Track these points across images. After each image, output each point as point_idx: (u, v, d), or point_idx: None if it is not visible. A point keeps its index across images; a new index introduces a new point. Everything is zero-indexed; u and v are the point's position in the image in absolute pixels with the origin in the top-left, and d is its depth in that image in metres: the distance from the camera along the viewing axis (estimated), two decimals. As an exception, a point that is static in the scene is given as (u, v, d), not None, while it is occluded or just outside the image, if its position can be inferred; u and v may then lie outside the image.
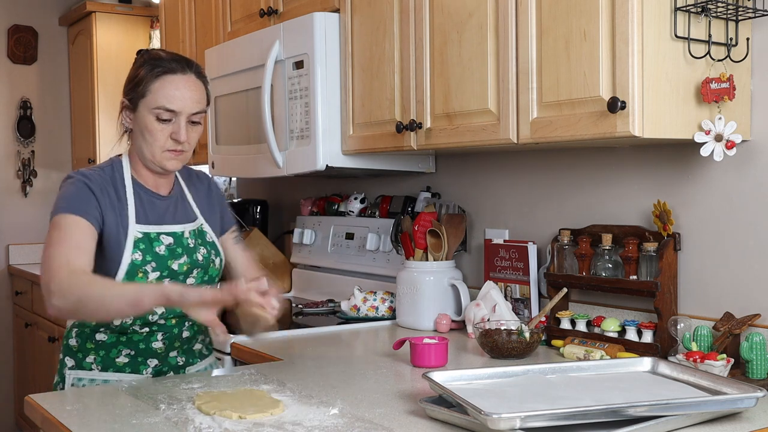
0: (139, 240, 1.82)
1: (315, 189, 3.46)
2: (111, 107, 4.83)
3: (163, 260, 1.83)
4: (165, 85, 1.80)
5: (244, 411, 1.51)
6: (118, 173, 1.88)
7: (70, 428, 1.49)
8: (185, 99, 1.81)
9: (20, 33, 5.01)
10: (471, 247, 2.67)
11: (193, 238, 1.91)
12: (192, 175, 2.04)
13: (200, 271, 1.90)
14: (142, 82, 1.81)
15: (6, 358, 4.98)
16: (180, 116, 1.81)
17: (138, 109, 1.83)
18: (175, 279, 1.86)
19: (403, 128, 2.29)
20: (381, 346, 2.31)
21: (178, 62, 1.83)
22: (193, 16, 3.60)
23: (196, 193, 2.00)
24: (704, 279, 1.99)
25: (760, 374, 1.76)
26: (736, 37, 1.83)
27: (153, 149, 1.83)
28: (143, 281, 1.81)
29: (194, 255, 1.89)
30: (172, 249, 1.85)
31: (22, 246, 5.01)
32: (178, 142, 1.82)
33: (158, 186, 1.91)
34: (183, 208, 1.94)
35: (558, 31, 1.85)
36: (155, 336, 1.88)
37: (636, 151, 2.14)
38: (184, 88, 1.81)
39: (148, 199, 1.89)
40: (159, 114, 1.80)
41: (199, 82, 1.85)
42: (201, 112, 1.84)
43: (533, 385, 1.60)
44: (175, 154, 1.84)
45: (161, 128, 1.81)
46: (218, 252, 1.96)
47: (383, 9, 2.40)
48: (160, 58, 1.84)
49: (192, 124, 1.84)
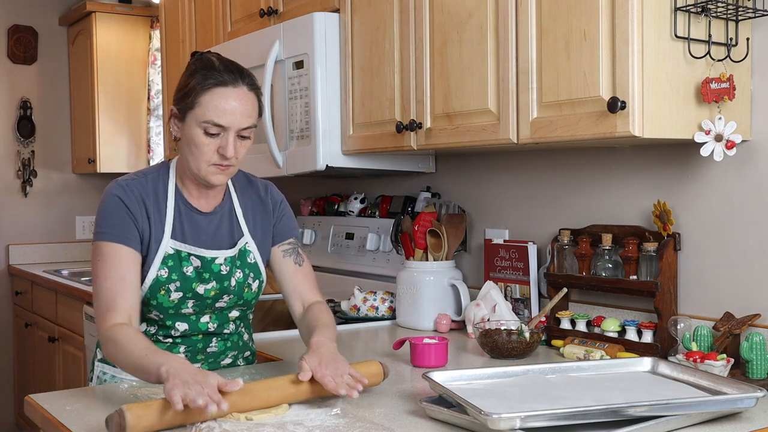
0: (169, 257, 1.77)
1: (315, 189, 3.47)
2: (111, 107, 4.84)
3: (188, 282, 1.78)
4: (215, 99, 1.70)
5: (249, 411, 1.51)
6: (163, 181, 1.82)
7: (70, 428, 1.49)
8: (235, 114, 1.70)
9: (20, 33, 5.01)
10: (471, 247, 2.67)
11: (227, 264, 1.82)
12: (247, 184, 1.94)
13: (232, 297, 1.84)
14: (192, 92, 1.72)
15: (6, 358, 4.98)
16: (229, 131, 1.71)
17: (186, 120, 1.73)
18: (201, 302, 1.81)
19: (403, 128, 2.29)
20: (381, 346, 2.31)
21: (231, 73, 1.73)
22: (193, 16, 3.60)
23: (248, 205, 1.90)
24: (704, 279, 1.99)
25: (760, 374, 1.76)
26: (736, 37, 1.84)
27: (198, 163, 1.74)
28: (164, 299, 1.77)
29: (225, 282, 1.82)
30: (200, 273, 1.80)
31: (22, 246, 5.01)
32: (224, 158, 1.72)
33: (201, 198, 1.84)
34: (227, 228, 1.86)
35: (558, 31, 1.85)
36: (177, 348, 1.84)
37: (636, 151, 2.14)
38: (235, 102, 1.71)
39: (188, 214, 1.82)
40: (207, 128, 1.70)
41: (251, 94, 1.74)
42: (251, 126, 1.74)
43: (533, 385, 1.60)
44: (221, 169, 1.74)
45: (208, 142, 1.72)
46: (258, 274, 1.88)
47: (383, 9, 2.40)
48: (213, 67, 1.73)
49: (241, 138, 1.74)
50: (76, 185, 5.20)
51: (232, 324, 1.91)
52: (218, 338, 1.89)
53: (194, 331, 1.84)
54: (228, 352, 1.92)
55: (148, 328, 1.83)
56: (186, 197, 1.83)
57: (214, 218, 1.85)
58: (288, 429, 1.44)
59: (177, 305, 1.80)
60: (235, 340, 1.93)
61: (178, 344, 1.85)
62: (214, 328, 1.86)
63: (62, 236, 5.11)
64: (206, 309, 1.83)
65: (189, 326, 1.83)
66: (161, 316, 1.81)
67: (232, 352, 1.93)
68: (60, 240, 5.10)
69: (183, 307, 1.81)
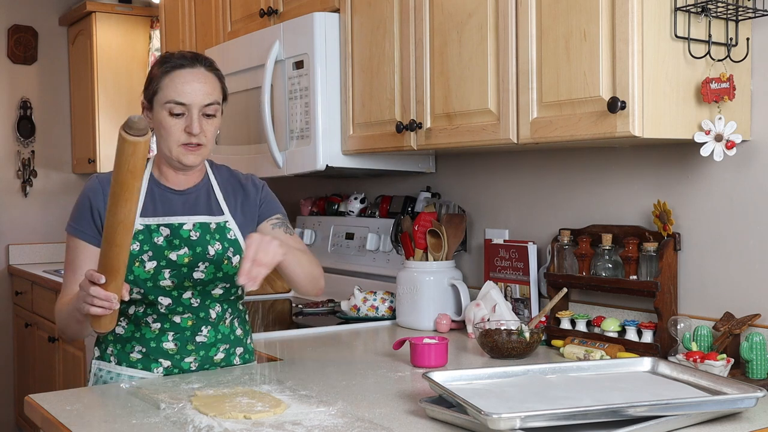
0: (139, 232, 1.85)
1: (315, 189, 3.47)
2: (111, 107, 4.84)
3: (160, 250, 1.84)
4: (174, 80, 1.83)
5: (248, 411, 1.51)
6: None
7: (70, 428, 1.49)
8: (195, 91, 1.82)
9: (20, 33, 5.01)
10: (471, 247, 2.67)
11: (197, 230, 1.88)
12: (228, 174, 2.01)
13: (210, 266, 1.87)
14: (154, 79, 1.85)
15: (6, 358, 4.98)
16: (191, 109, 1.82)
17: (153, 107, 1.86)
18: (176, 271, 1.85)
19: (403, 128, 2.29)
20: (381, 346, 2.31)
21: (188, 58, 1.86)
22: (193, 16, 3.60)
23: (228, 189, 1.97)
24: (704, 279, 1.99)
25: (760, 374, 1.76)
26: (736, 37, 1.83)
27: (169, 144, 1.84)
28: (140, 271, 1.83)
29: (199, 248, 1.87)
30: (170, 240, 1.86)
31: (22, 246, 5.01)
32: (192, 135, 1.82)
33: (178, 182, 1.92)
34: (204, 203, 1.93)
35: (558, 31, 1.85)
36: (166, 336, 1.87)
37: (636, 151, 2.14)
38: (193, 81, 1.83)
39: (160, 193, 1.90)
40: (171, 108, 1.82)
41: (209, 74, 1.87)
42: (213, 103, 1.85)
43: (533, 385, 1.60)
44: (191, 149, 1.84)
45: (174, 123, 1.83)
46: (239, 251, 1.90)
47: (383, 9, 2.40)
48: (171, 56, 1.87)
49: (206, 117, 1.84)
50: (76, 185, 5.20)
51: (218, 306, 1.92)
52: (206, 325, 1.90)
53: (178, 306, 1.87)
54: (219, 344, 1.93)
55: (137, 309, 1.87)
56: (162, 182, 1.92)
57: (190, 196, 1.93)
58: (287, 429, 1.44)
59: (154, 275, 1.84)
60: (226, 333, 1.93)
61: (167, 331, 1.88)
62: (198, 304, 1.89)
63: (62, 236, 5.04)
64: (185, 281, 1.86)
65: (172, 301, 1.86)
66: (142, 291, 1.84)
67: (223, 345, 1.93)
68: (60, 240, 5.10)
69: (161, 278, 1.84)
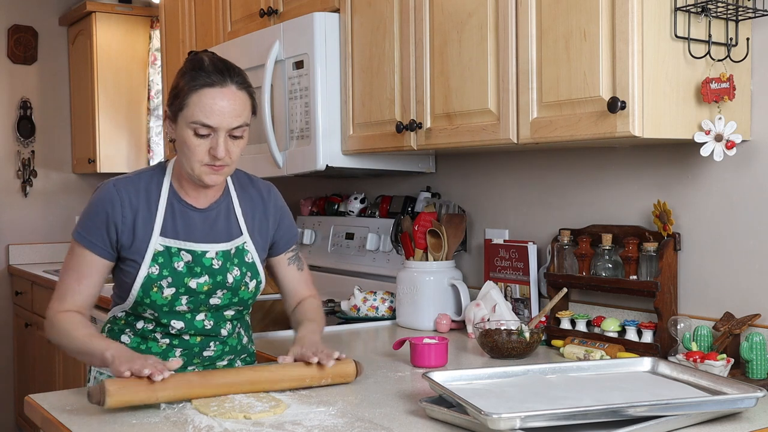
0: (159, 254, 1.78)
1: (315, 189, 3.47)
2: (111, 107, 4.84)
3: (180, 277, 1.78)
4: (203, 99, 1.70)
5: (248, 411, 1.51)
6: (157, 180, 1.83)
7: (70, 428, 1.49)
8: (224, 114, 1.70)
9: (20, 33, 5.01)
10: (471, 247, 2.67)
11: (220, 258, 1.82)
12: (248, 184, 1.93)
13: (227, 293, 1.83)
14: (181, 94, 1.72)
15: (6, 358, 4.98)
16: (219, 132, 1.71)
17: (178, 122, 1.74)
18: (194, 297, 1.80)
19: (403, 128, 2.29)
20: (381, 346, 2.31)
21: (219, 73, 1.72)
22: (193, 16, 3.60)
23: (248, 204, 1.90)
24: (704, 279, 1.99)
25: (760, 374, 1.76)
26: (736, 37, 1.83)
27: (192, 163, 1.74)
28: (157, 296, 1.78)
29: (220, 276, 1.81)
30: (191, 267, 1.80)
31: (22, 246, 5.01)
32: (216, 158, 1.72)
33: (198, 198, 1.84)
34: (225, 224, 1.85)
35: (558, 30, 1.85)
36: (173, 352, 1.84)
37: (636, 151, 2.14)
38: (223, 102, 1.70)
39: (181, 210, 1.82)
40: (196, 129, 1.70)
41: (240, 92, 1.73)
42: (242, 126, 1.73)
43: (533, 385, 1.60)
44: (214, 170, 1.74)
45: (199, 143, 1.72)
46: (256, 274, 1.87)
47: (383, 9, 2.40)
48: (202, 68, 1.72)
49: (233, 138, 1.73)
50: (76, 185, 5.21)
51: (229, 324, 1.90)
52: (215, 341, 1.88)
53: (190, 330, 1.84)
54: (225, 356, 1.91)
55: (146, 325, 1.84)
56: (181, 195, 1.83)
57: (210, 214, 1.85)
58: (287, 429, 1.44)
59: (171, 302, 1.79)
60: (233, 344, 1.92)
61: (175, 347, 1.84)
62: (210, 326, 1.85)
63: (62, 236, 5.11)
64: (201, 306, 1.83)
65: (185, 324, 1.83)
66: (156, 315, 1.81)
67: (229, 356, 1.92)
68: (60, 240, 5.10)
69: (177, 304, 1.80)
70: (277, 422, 1.48)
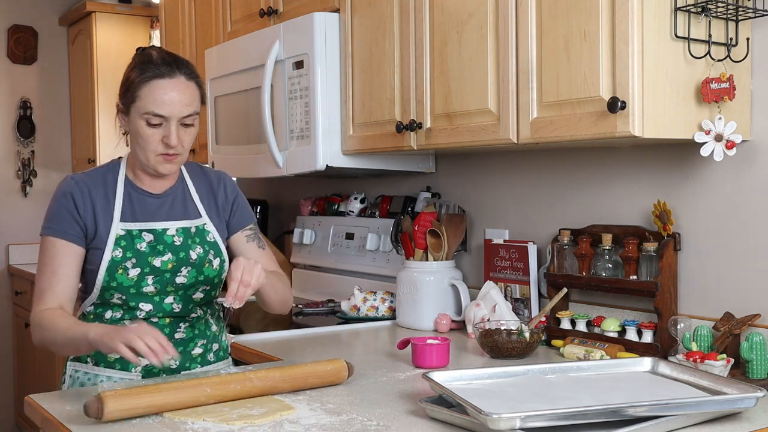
0: (121, 237, 1.84)
1: (315, 189, 3.47)
2: (111, 107, 4.77)
3: (144, 257, 1.83)
4: (153, 90, 1.78)
5: (247, 410, 1.51)
6: (112, 173, 1.91)
7: (70, 428, 1.49)
8: (174, 103, 1.78)
9: (20, 33, 5.01)
10: (471, 247, 2.67)
11: (180, 235, 1.88)
12: (200, 172, 2.01)
13: (192, 270, 1.88)
14: (132, 86, 1.81)
15: (6, 358, 4.98)
16: (170, 120, 1.79)
17: (130, 114, 1.82)
18: (160, 276, 1.84)
19: (403, 128, 2.29)
20: (381, 346, 2.31)
21: (168, 65, 1.80)
22: (193, 16, 3.60)
23: (202, 190, 1.97)
24: (704, 279, 1.99)
25: (760, 374, 1.76)
26: (736, 37, 1.83)
27: (146, 154, 1.82)
28: (123, 278, 1.82)
29: (182, 252, 1.87)
30: (153, 246, 1.85)
31: (22, 246, 5.01)
32: (169, 146, 1.80)
33: (154, 185, 1.90)
34: (182, 206, 1.92)
35: (558, 31, 1.85)
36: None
37: (636, 151, 2.14)
38: (173, 92, 1.79)
39: (138, 197, 1.89)
40: (149, 119, 1.79)
41: (189, 83, 1.82)
42: (192, 114, 1.82)
43: (533, 385, 1.60)
44: (168, 158, 1.83)
45: (152, 133, 1.80)
46: (219, 252, 1.93)
47: (383, 9, 2.40)
48: (150, 61, 1.81)
49: (184, 126, 1.82)
50: (76, 185, 5.20)
51: (199, 309, 1.93)
52: (184, 322, 1.90)
53: (159, 312, 1.86)
54: (197, 339, 1.93)
55: (114, 314, 1.86)
56: (137, 185, 1.91)
57: (167, 199, 1.92)
58: (286, 428, 1.44)
59: (137, 282, 1.83)
60: (202, 329, 1.94)
61: None
62: (179, 309, 1.88)
63: (62, 236, 5.10)
64: (168, 286, 1.86)
65: (153, 306, 1.86)
66: (124, 297, 1.84)
67: (201, 340, 1.94)
68: (60, 240, 5.09)
69: (143, 285, 1.84)
70: (276, 422, 1.48)
